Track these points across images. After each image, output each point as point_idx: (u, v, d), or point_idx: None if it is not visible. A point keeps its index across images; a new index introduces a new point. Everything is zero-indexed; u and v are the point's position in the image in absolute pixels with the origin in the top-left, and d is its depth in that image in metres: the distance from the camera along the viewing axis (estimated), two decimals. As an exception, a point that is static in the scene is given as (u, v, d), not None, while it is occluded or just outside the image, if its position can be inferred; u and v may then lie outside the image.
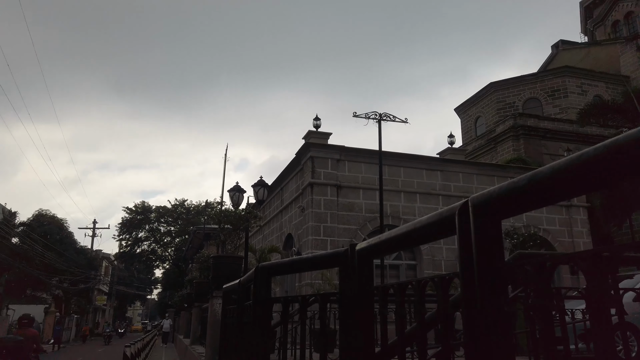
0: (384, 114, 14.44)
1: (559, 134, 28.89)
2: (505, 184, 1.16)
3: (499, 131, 30.07)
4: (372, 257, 2.06)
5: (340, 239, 15.26)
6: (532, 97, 33.99)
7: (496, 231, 1.23)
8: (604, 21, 43.03)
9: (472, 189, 16.66)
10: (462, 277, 1.29)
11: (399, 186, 16.16)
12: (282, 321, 2.67)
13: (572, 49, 39.95)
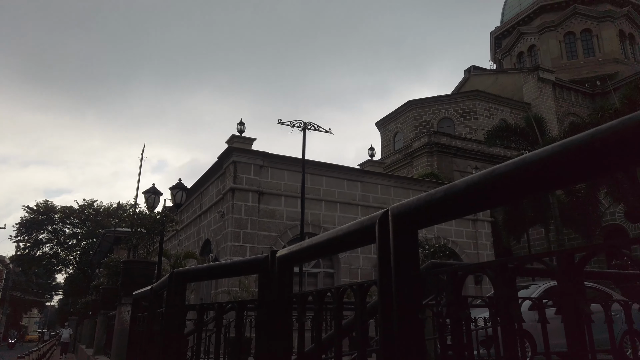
0: (308, 123, 14.60)
1: (468, 152, 30.98)
2: (423, 196, 1.22)
3: (415, 147, 31.62)
4: (293, 264, 2.06)
5: (260, 246, 15.12)
6: (446, 116, 36.16)
7: (413, 240, 1.28)
8: (511, 52, 47.02)
9: (390, 200, 17.30)
10: (380, 285, 1.33)
11: (321, 195, 16.38)
12: (196, 329, 2.58)
13: (483, 74, 43.17)
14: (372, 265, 16.23)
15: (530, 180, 0.88)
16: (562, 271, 0.82)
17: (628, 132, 0.71)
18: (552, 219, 20.86)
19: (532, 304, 4.27)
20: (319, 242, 1.71)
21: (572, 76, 40.12)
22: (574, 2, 42.49)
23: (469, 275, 1.11)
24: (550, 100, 37.18)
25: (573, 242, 23.81)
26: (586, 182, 14.04)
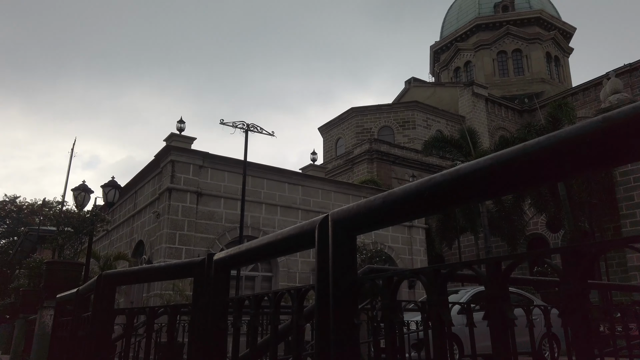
0: (251, 125, 14.47)
1: (406, 160, 32.00)
2: (363, 202, 1.24)
3: (356, 153, 32.23)
4: (231, 267, 2.02)
5: (196, 248, 14.74)
6: (386, 125, 37.17)
7: (352, 246, 1.30)
8: (448, 66, 49.19)
9: (330, 205, 17.49)
10: (318, 289, 1.34)
11: (261, 198, 16.25)
12: (125, 334, 2.47)
13: (422, 86, 44.83)
14: (311, 269, 16.30)
15: (464, 190, 0.92)
16: (489, 278, 0.86)
17: (552, 149, 0.76)
18: (482, 227, 21.97)
19: (461, 308, 4.46)
20: (258, 246, 1.69)
21: (503, 93, 42.56)
22: (507, 23, 45.16)
23: (403, 280, 1.14)
24: (483, 115, 39.23)
25: (499, 250, 25.19)
26: (514, 194, 14.85)
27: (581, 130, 0.74)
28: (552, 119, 21.54)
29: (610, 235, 21.90)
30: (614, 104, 21.44)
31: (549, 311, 2.83)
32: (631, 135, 0.67)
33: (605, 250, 0.72)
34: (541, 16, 45.28)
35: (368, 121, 37.64)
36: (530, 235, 25.33)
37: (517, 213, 22.71)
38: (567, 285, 0.73)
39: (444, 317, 0.96)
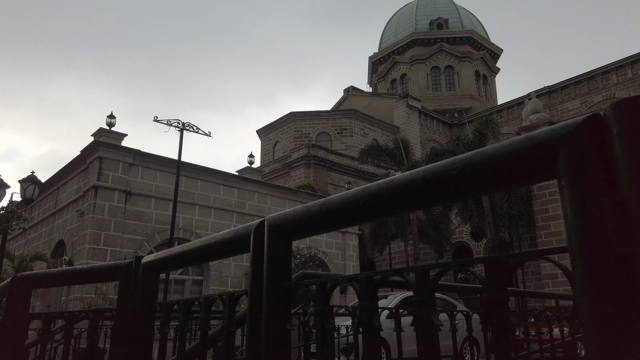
0: (187, 124, 14.08)
1: (342, 167, 32.54)
2: (300, 208, 1.25)
3: (294, 158, 32.32)
4: (160, 271, 1.95)
5: (123, 250, 14.06)
6: (324, 131, 37.62)
7: (287, 251, 1.30)
8: (385, 77, 50.73)
9: (266, 208, 17.37)
10: (251, 295, 1.32)
11: (195, 199, 15.83)
12: (40, 340, 2.31)
13: (360, 95, 45.89)
14: (244, 273, 16.07)
15: (397, 200, 0.96)
16: (418, 285, 0.89)
17: (480, 164, 0.81)
18: (411, 234, 22.76)
19: (390, 313, 4.60)
20: (191, 250, 1.65)
21: (435, 106, 44.50)
22: (441, 40, 47.34)
23: (337, 286, 1.16)
24: (416, 126, 40.78)
25: (427, 256, 26.22)
26: (444, 205, 15.42)
27: (506, 147, 0.79)
28: (478, 133, 22.80)
29: (527, 245, 23.50)
30: (534, 123, 23.10)
31: (471, 316, 2.98)
32: (549, 154, 0.72)
33: (523, 261, 0.77)
34: (472, 36, 47.90)
35: (307, 126, 37.89)
36: (456, 244, 26.60)
37: (444, 222, 23.78)
38: (488, 292, 0.78)
39: (374, 322, 0.99)
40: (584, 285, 0.63)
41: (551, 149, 0.72)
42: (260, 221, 1.38)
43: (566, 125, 0.72)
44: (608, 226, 0.61)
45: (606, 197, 0.62)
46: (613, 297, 0.60)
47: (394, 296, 9.79)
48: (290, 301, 1.24)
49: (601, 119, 0.68)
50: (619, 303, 0.59)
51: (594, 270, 0.62)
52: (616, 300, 0.59)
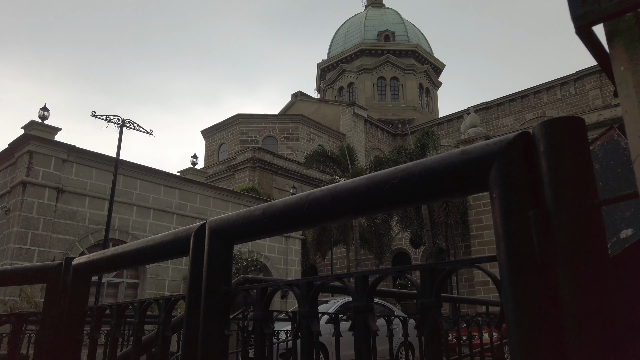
0: (127, 120, 13.55)
1: (288, 171, 32.52)
2: (242, 212, 1.24)
3: (239, 160, 31.92)
4: (92, 274, 1.86)
5: (52, 251, 13.25)
6: (271, 135, 37.46)
7: (228, 255, 1.29)
8: (333, 85, 51.36)
9: (208, 211, 17.00)
10: (189, 299, 1.29)
11: (133, 199, 15.22)
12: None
13: (307, 101, 46.13)
14: (182, 277, 15.62)
15: (341, 206, 0.98)
16: (357, 291, 0.91)
17: (420, 174, 0.84)
18: (353, 240, 23.10)
19: (329, 318, 4.63)
20: (127, 252, 1.59)
21: (380, 116, 45.55)
22: (387, 52, 48.61)
23: (277, 291, 1.16)
24: (362, 134, 41.54)
25: (368, 262, 26.70)
26: (385, 212, 15.71)
27: (443, 160, 0.83)
28: (420, 144, 23.58)
29: (462, 252, 24.51)
30: (471, 137, 24.21)
31: (407, 321, 3.07)
32: (482, 168, 0.77)
33: (456, 269, 0.81)
34: (417, 50, 49.53)
35: (253, 129, 37.56)
36: (396, 250, 27.28)
37: (385, 229, 24.32)
38: (424, 298, 0.81)
39: (313, 328, 1.00)
40: (510, 293, 0.67)
41: (484, 163, 0.76)
42: (201, 224, 1.35)
43: (499, 141, 0.77)
44: (533, 237, 0.66)
45: (532, 210, 0.67)
46: (535, 304, 0.64)
47: (334, 301, 9.87)
48: (229, 306, 1.22)
49: (530, 136, 0.73)
50: (541, 309, 0.63)
51: (519, 278, 0.66)
52: (538, 307, 0.64)
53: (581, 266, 0.61)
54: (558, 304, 0.63)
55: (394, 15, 53.07)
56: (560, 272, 0.63)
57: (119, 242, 14.26)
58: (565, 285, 0.62)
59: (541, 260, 0.64)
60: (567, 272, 0.63)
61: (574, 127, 0.68)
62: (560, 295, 0.63)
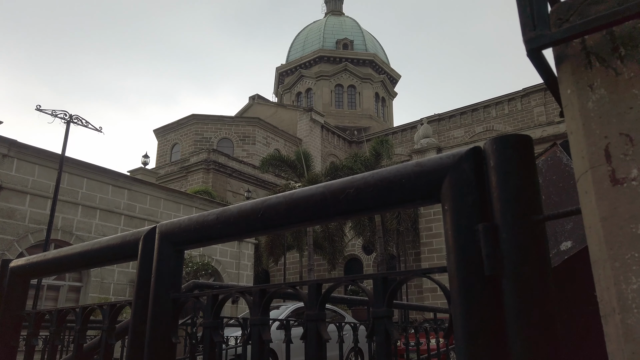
0: (75, 116, 12.97)
1: (242, 175, 32.14)
2: (195, 217, 1.21)
3: (193, 162, 31.24)
4: (31, 277, 1.77)
5: (-15, 251, 12.44)
6: (226, 137, 36.95)
7: (178, 261, 1.25)
8: (291, 89, 51.39)
9: (158, 213, 16.51)
10: (136, 305, 1.25)
11: (78, 198, 14.55)
12: None
13: (265, 104, 45.90)
14: (129, 280, 15.06)
15: (297, 214, 0.97)
16: (310, 299, 0.91)
17: (375, 184, 0.85)
18: (307, 245, 23.12)
19: (280, 324, 4.60)
20: (70, 255, 1.52)
21: (337, 122, 45.97)
22: (345, 60, 49.21)
23: (229, 299, 1.14)
24: (318, 140, 41.74)
25: (320, 267, 26.77)
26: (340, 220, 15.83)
27: (398, 171, 0.84)
28: (375, 152, 23.96)
29: (412, 259, 25.06)
30: (424, 147, 24.89)
31: (357, 328, 3.10)
32: (435, 181, 0.79)
33: (407, 279, 0.82)
34: (374, 60, 50.43)
35: (208, 130, 36.92)
36: (348, 256, 27.52)
37: (339, 235, 24.49)
38: (376, 308, 0.82)
39: (264, 336, 0.99)
40: (459, 303, 0.68)
41: (437, 176, 0.78)
42: (151, 228, 1.31)
43: (451, 155, 0.79)
44: (482, 250, 0.68)
45: (481, 223, 0.69)
46: (482, 315, 0.66)
47: (286, 307, 9.81)
48: (178, 313, 1.19)
49: (481, 151, 0.76)
50: (487, 320, 0.66)
51: (467, 289, 0.68)
52: (485, 317, 0.66)
53: (525, 279, 0.64)
54: (504, 315, 0.66)
55: (353, 24, 53.83)
56: (506, 284, 0.65)
57: (61, 242, 13.59)
58: (510, 296, 0.65)
59: (489, 273, 0.67)
60: (513, 284, 0.65)
61: (522, 145, 0.71)
62: (506, 306, 0.65)
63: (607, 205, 0.51)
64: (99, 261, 1.47)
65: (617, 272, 0.49)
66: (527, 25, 0.57)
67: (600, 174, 0.53)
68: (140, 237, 1.31)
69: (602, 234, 0.51)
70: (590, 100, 0.54)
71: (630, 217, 0.49)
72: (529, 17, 0.57)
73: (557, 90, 0.62)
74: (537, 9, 0.57)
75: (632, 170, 0.50)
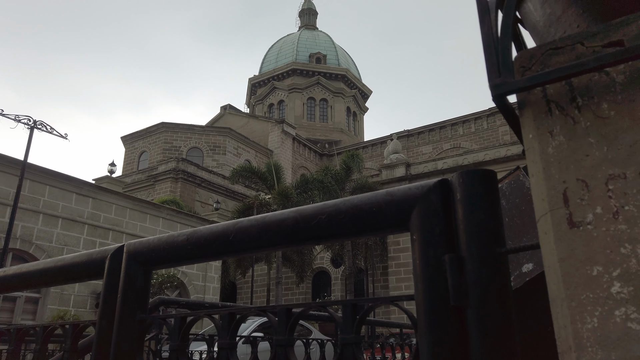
0: (39, 122, 12.60)
1: (212, 185, 31.77)
2: (165, 237, 1.20)
3: (161, 170, 30.69)
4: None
5: None
6: (196, 146, 36.51)
7: (146, 281, 1.23)
8: (264, 101, 51.38)
9: (123, 222, 16.10)
10: (100, 326, 1.22)
11: (40, 206, 14.04)
12: None
13: (237, 115, 45.68)
14: (90, 292, 14.58)
15: (269, 237, 0.98)
16: (279, 323, 0.92)
17: (347, 212, 0.87)
18: (275, 258, 22.96)
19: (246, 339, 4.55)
20: (31, 272, 1.47)
21: (308, 135, 46.14)
22: (318, 73, 49.64)
23: (198, 321, 1.13)
24: (289, 152, 41.75)
25: (288, 280, 26.61)
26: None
27: (369, 199, 0.86)
28: (345, 166, 24.15)
29: (379, 273, 25.22)
30: (393, 162, 25.25)
31: (324, 344, 3.10)
32: (404, 210, 0.81)
33: (377, 306, 0.84)
34: (347, 75, 51.06)
35: (178, 139, 36.40)
36: (317, 269, 27.47)
37: (308, 248, 24.43)
38: (345, 334, 0.83)
39: (231, 357, 0.99)
40: (425, 332, 0.71)
41: (406, 206, 0.80)
42: (118, 247, 1.29)
43: (420, 186, 0.82)
44: (448, 280, 0.70)
45: (448, 254, 0.72)
46: (448, 344, 0.68)
47: (252, 321, 9.70)
48: (144, 335, 1.17)
49: (449, 184, 0.78)
50: (453, 349, 0.68)
51: (434, 318, 0.70)
52: (450, 347, 0.68)
53: (489, 310, 0.67)
54: (468, 344, 0.68)
55: (326, 39, 54.42)
56: (471, 315, 0.68)
57: (20, 252, 13.08)
58: (475, 327, 0.67)
59: (455, 303, 0.69)
60: (477, 314, 0.68)
61: (488, 179, 0.74)
62: (470, 336, 0.68)
63: (565, 247, 0.54)
64: (63, 279, 1.44)
65: (573, 312, 0.52)
66: (493, 71, 0.61)
67: (558, 217, 0.56)
68: (107, 256, 1.29)
69: (560, 274, 0.54)
70: (550, 146, 0.58)
71: (586, 259, 0.53)
72: (494, 64, 0.61)
73: (520, 132, 0.65)
74: (502, 57, 0.60)
75: (587, 215, 0.54)
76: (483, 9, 0.65)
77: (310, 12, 57.53)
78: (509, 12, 0.63)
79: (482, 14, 0.65)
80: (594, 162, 0.54)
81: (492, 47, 0.62)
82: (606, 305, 0.51)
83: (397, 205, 0.82)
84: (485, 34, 0.63)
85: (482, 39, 0.63)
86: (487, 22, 0.64)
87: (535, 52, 0.60)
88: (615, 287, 0.50)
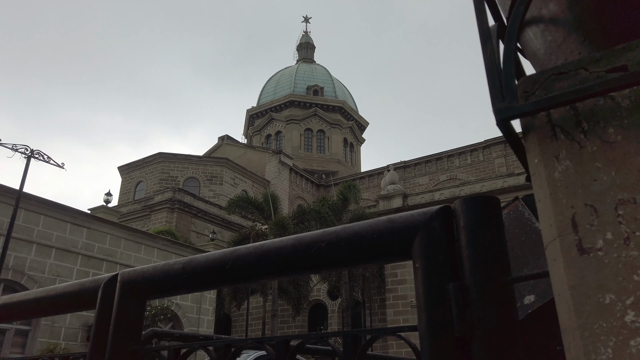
0: (36, 151, 12.61)
1: (208, 215, 31.60)
2: (160, 265, 1.17)
3: (157, 200, 30.59)
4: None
5: None
6: (193, 176, 36.52)
7: (140, 312, 1.20)
8: (261, 132, 51.78)
9: (118, 253, 15.91)
10: (91, 357, 1.18)
11: (34, 236, 13.88)
12: None
13: (234, 145, 45.93)
14: (81, 324, 14.26)
15: (267, 265, 0.96)
16: (277, 356, 0.88)
17: (347, 239, 0.85)
18: (271, 290, 22.64)
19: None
20: (22, 302, 1.43)
21: (305, 166, 46.31)
22: (315, 105, 50.27)
23: (192, 353, 1.09)
24: (286, 182, 41.78)
25: (284, 313, 26.13)
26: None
27: (370, 226, 0.85)
28: (342, 196, 24.13)
29: (377, 306, 24.83)
30: (390, 193, 25.27)
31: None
32: (406, 238, 0.79)
33: (378, 337, 0.81)
34: (343, 106, 51.71)
35: (175, 169, 36.44)
36: (313, 301, 27.03)
37: (304, 279, 24.12)
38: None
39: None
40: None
41: (408, 233, 0.78)
42: (112, 275, 1.26)
43: (422, 212, 0.80)
44: (452, 310, 0.68)
45: (452, 283, 0.70)
46: (453, 377, 0.65)
47: (247, 355, 9.46)
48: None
49: (451, 211, 0.77)
50: (458, 383, 0.65)
51: (438, 350, 0.68)
52: (456, 380, 0.65)
53: (495, 342, 0.64)
54: (474, 377, 0.65)
55: (323, 72, 55.35)
56: (476, 347, 0.65)
57: (11, 282, 12.85)
58: (480, 358, 0.65)
59: (460, 334, 0.66)
60: (482, 345, 0.65)
61: (491, 206, 0.73)
62: (476, 369, 0.65)
63: (575, 274, 0.53)
64: (54, 310, 1.40)
65: (586, 342, 0.50)
66: (497, 96, 0.60)
67: (567, 243, 0.55)
68: (100, 285, 1.25)
69: (571, 303, 0.53)
70: (557, 171, 0.57)
71: (597, 286, 0.51)
72: (498, 89, 0.60)
73: (524, 157, 0.65)
74: (505, 82, 0.60)
75: (597, 241, 0.53)
76: (485, 36, 0.66)
77: (308, 45, 58.68)
78: (511, 37, 0.63)
79: (484, 41, 0.65)
80: (603, 187, 0.53)
81: (494, 72, 0.62)
82: (620, 335, 0.49)
83: (398, 233, 0.80)
84: (487, 60, 0.63)
85: (484, 65, 0.63)
86: (489, 48, 0.64)
87: (539, 77, 0.60)
88: (629, 315, 0.49)
